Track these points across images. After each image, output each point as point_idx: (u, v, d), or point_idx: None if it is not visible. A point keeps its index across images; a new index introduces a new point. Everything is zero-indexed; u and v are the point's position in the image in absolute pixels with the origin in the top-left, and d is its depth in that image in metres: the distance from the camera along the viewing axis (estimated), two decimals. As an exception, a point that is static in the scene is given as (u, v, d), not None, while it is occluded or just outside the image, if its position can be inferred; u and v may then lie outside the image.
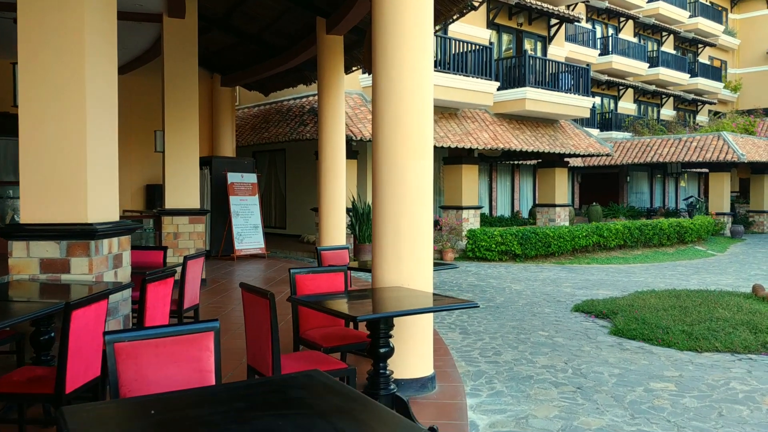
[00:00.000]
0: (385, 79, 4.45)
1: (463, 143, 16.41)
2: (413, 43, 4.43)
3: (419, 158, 4.44)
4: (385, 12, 4.46)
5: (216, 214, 14.13)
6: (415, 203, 4.46)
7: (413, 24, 4.43)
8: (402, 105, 4.40)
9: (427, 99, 4.50)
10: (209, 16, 12.47)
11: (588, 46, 26.91)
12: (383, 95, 4.46)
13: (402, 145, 4.37)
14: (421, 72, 4.49)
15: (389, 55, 4.42)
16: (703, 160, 23.21)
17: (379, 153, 4.47)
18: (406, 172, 4.40)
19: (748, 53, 38.79)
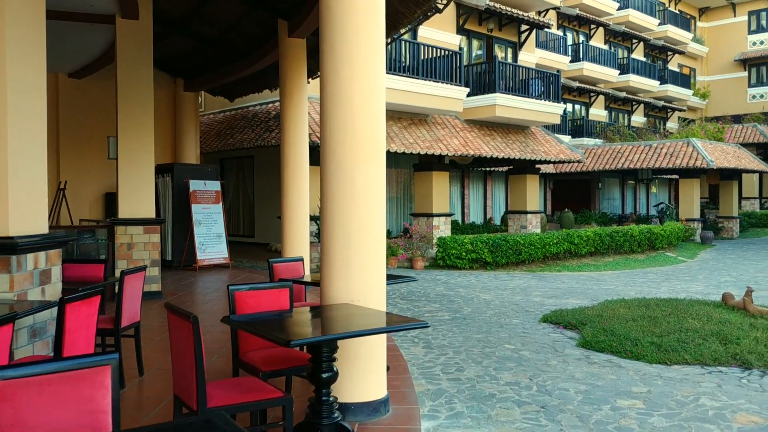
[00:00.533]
0: (334, 75, 4.15)
1: (433, 150, 16.18)
2: (363, 38, 4.14)
3: (371, 161, 4.14)
4: (332, 6, 4.17)
5: (178, 223, 13.70)
6: (367, 211, 4.15)
7: (364, 18, 4.14)
8: (352, 104, 4.11)
9: (379, 97, 4.21)
10: (168, 20, 12.08)
11: (559, 52, 26.93)
12: (332, 94, 4.16)
13: (352, 146, 4.08)
14: (373, 69, 4.21)
15: (337, 52, 4.12)
16: (673, 166, 23.31)
17: (327, 156, 4.17)
18: (356, 177, 4.10)
19: (717, 61, 39.30)
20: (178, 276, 12.28)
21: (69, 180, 13.48)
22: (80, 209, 13.91)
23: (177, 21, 12.07)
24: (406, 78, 15.56)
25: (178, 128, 15.22)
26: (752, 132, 32.80)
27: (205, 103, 19.51)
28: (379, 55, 4.26)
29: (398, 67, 15.58)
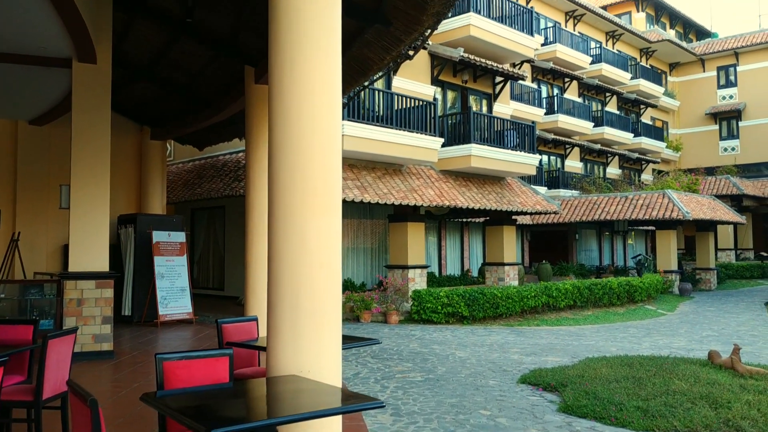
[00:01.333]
0: (284, 118, 3.72)
1: (407, 200, 15.81)
2: (318, 81, 3.74)
3: (324, 214, 3.68)
4: (281, 41, 3.78)
5: (140, 276, 13.06)
6: (320, 269, 3.67)
7: (316, 53, 3.75)
8: (304, 150, 3.67)
9: (334, 143, 3.78)
10: (134, 65, 11.73)
11: (534, 105, 27.08)
12: (281, 138, 3.72)
13: (303, 198, 3.62)
14: (328, 113, 3.79)
15: (286, 93, 3.71)
16: (649, 217, 23.23)
17: (275, 207, 3.71)
18: (307, 232, 3.63)
19: (688, 114, 39.98)
20: (136, 333, 11.58)
21: (25, 230, 12.84)
22: (37, 262, 13.21)
23: (142, 67, 11.71)
24: (380, 127, 15.30)
25: (143, 177, 14.70)
26: (725, 184, 33.10)
27: (174, 152, 19.07)
28: (335, 98, 3.85)
29: (372, 117, 15.34)
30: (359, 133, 14.80)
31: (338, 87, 3.91)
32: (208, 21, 9.24)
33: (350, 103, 14.59)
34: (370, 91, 15.49)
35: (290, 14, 3.83)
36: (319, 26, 3.87)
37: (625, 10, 39.10)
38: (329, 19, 3.93)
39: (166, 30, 9.89)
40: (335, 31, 3.98)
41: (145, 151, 14.67)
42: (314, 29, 3.85)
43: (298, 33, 3.76)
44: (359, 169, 15.97)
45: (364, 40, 7.88)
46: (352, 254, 17.67)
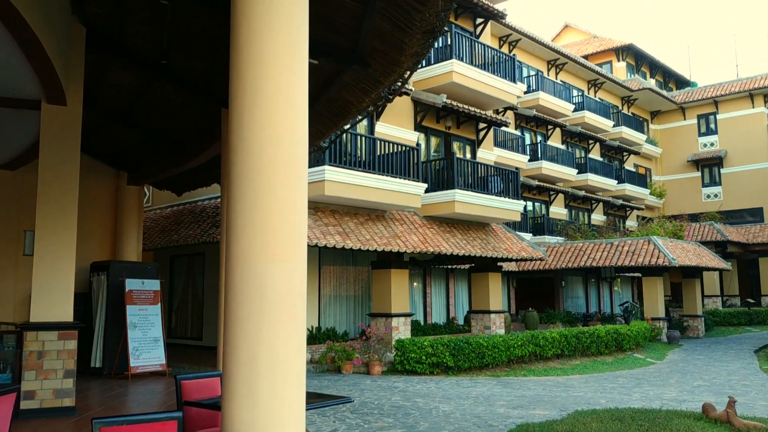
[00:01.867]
0: (242, 154, 3.43)
1: (391, 246, 15.51)
2: (280, 114, 3.47)
3: (287, 259, 3.36)
4: (241, 76, 3.52)
5: (111, 325, 12.53)
6: (280, 319, 3.33)
7: (279, 88, 3.49)
8: (264, 187, 3.37)
9: (298, 180, 3.49)
10: (110, 109, 11.49)
11: (517, 151, 27.13)
12: (240, 172, 3.42)
13: (263, 241, 3.30)
14: (292, 149, 3.51)
15: (246, 119, 3.43)
16: (635, 264, 23.05)
17: (231, 251, 3.38)
18: (266, 278, 3.30)
19: (670, 161, 40.36)
20: (104, 386, 11.01)
21: (-8, 279, 12.33)
22: (4, 312, 12.66)
23: (119, 110, 11.47)
24: (363, 173, 15.10)
25: (119, 223, 14.29)
26: (709, 230, 33.18)
27: (152, 197, 18.72)
28: (299, 135, 3.58)
29: (355, 162, 15.15)
30: (342, 179, 14.58)
31: (303, 124, 3.64)
32: (183, 63, 9.05)
33: (332, 148, 14.41)
34: (352, 136, 15.35)
35: (252, 51, 3.59)
36: (282, 65, 3.62)
37: (605, 60, 39.82)
38: (294, 58, 3.69)
39: (142, 72, 9.68)
40: (300, 69, 3.74)
41: (122, 197, 14.30)
42: (277, 67, 3.59)
43: (259, 69, 3.50)
44: (341, 215, 15.69)
45: (342, 82, 7.70)
46: (334, 302, 17.23)
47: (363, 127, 17.39)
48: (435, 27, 5.88)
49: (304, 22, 3.71)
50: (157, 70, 9.44)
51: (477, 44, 19.54)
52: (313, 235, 14.10)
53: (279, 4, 3.56)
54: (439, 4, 5.44)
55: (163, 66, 9.06)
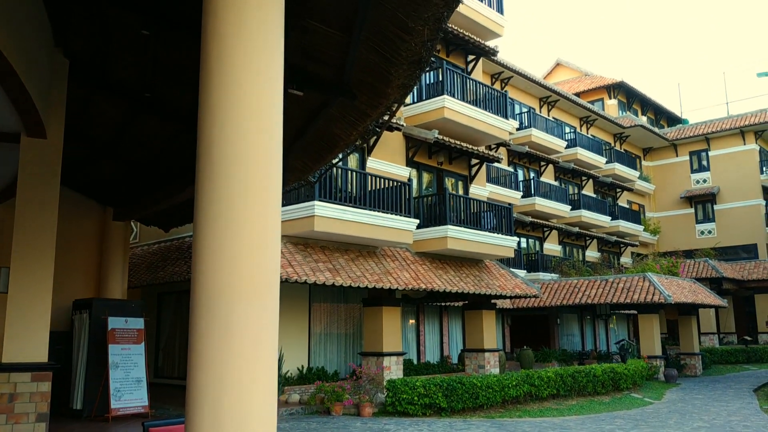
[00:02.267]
0: (210, 181, 3.20)
1: (382, 283, 15.22)
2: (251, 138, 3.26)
3: (256, 297, 3.11)
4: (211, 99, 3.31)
5: (93, 365, 12.14)
6: (247, 365, 3.06)
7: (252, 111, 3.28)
8: (231, 217, 3.13)
9: (269, 210, 3.26)
10: (95, 143, 11.30)
11: (510, 188, 27.05)
12: (206, 199, 3.19)
13: (229, 278, 3.05)
14: (265, 175, 3.29)
15: (215, 152, 3.21)
16: (631, 301, 22.77)
17: (196, 288, 3.13)
18: (232, 319, 3.04)
19: (664, 198, 40.39)
20: (83, 429, 10.58)
21: (-31, 317, 11.94)
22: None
23: (104, 144, 11.28)
24: (354, 208, 14.89)
25: (104, 260, 13.99)
26: (704, 267, 32.98)
27: (139, 234, 18.44)
28: (275, 158, 3.36)
29: (345, 197, 14.95)
30: (332, 214, 14.37)
31: (277, 155, 3.43)
32: (168, 95, 8.89)
33: (322, 183, 14.23)
34: (343, 171, 15.19)
35: (221, 75, 3.40)
36: (255, 91, 3.42)
37: (597, 97, 40.14)
38: (268, 85, 3.50)
39: (127, 105, 9.52)
40: (274, 96, 3.54)
41: (107, 233, 14.03)
42: (249, 94, 3.39)
43: (228, 96, 3.30)
44: (332, 251, 15.43)
45: (329, 115, 7.53)
46: (325, 341, 16.84)
47: (354, 162, 17.26)
48: (422, 57, 5.74)
49: (279, 46, 3.53)
50: (142, 102, 9.28)
51: (468, 80, 19.57)
52: (303, 272, 13.82)
53: (251, 24, 3.38)
54: (425, 34, 5.30)
55: (147, 98, 8.90)
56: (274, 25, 3.60)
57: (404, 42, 5.42)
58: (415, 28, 5.16)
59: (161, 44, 7.29)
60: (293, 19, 5.67)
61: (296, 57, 6.39)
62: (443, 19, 5.12)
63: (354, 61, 6.13)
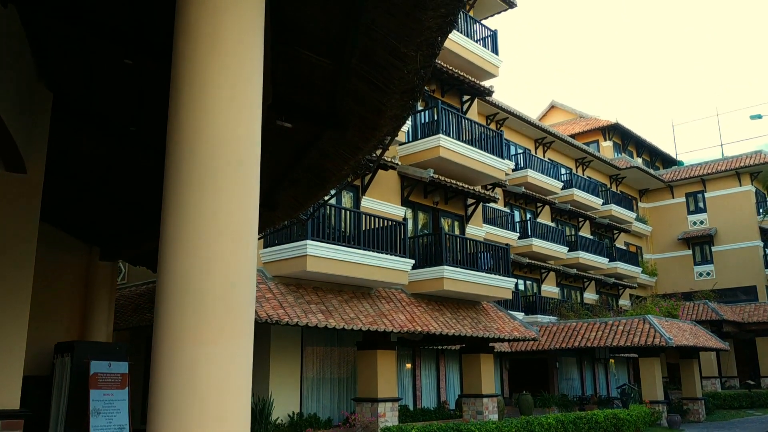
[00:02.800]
0: (177, 212, 2.88)
1: (377, 326, 14.77)
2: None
3: (225, 342, 2.75)
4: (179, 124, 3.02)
5: (73, 412, 11.57)
6: (214, 415, 2.68)
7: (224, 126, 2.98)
8: (201, 247, 2.80)
9: (243, 248, 2.92)
10: (81, 180, 11.00)
11: (507, 228, 26.77)
12: (172, 238, 2.86)
13: (194, 318, 2.70)
14: (239, 207, 2.97)
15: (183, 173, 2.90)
16: (631, 344, 22.30)
17: (159, 333, 2.77)
18: (198, 365, 2.68)
19: (661, 239, 40.14)
20: (58, 481, 10.00)
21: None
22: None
23: (90, 180, 10.98)
24: (347, 248, 14.55)
25: (89, 301, 13.52)
26: (704, 309, 32.52)
27: (128, 274, 18.02)
28: (250, 191, 3.05)
29: (339, 237, 14.61)
30: (325, 254, 14.01)
31: (253, 187, 3.11)
32: (155, 129, 8.62)
33: (315, 222, 13.92)
34: (336, 209, 14.91)
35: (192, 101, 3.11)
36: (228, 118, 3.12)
37: (592, 139, 40.23)
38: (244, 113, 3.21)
39: (113, 139, 9.26)
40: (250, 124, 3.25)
41: (93, 273, 13.58)
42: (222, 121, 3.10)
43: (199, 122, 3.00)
44: (324, 292, 15.02)
45: (319, 148, 7.26)
46: (318, 386, 16.28)
47: (349, 201, 17.00)
48: (415, 86, 5.49)
49: (257, 69, 3.23)
50: (128, 136, 9.02)
51: (464, 120, 19.47)
52: (294, 313, 13.40)
53: (226, 45, 3.09)
54: (418, 61, 5.05)
55: (133, 132, 8.64)
56: (252, 45, 3.32)
57: (396, 69, 5.17)
58: (408, 54, 4.92)
59: (146, 76, 7.06)
60: (281, 46, 5.46)
61: (285, 87, 6.15)
62: (437, 44, 4.89)
63: (344, 91, 5.89)
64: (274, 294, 13.73)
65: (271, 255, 14.35)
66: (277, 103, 6.44)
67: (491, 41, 21.62)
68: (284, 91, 6.23)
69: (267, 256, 14.42)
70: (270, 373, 14.74)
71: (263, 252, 14.51)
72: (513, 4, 22.84)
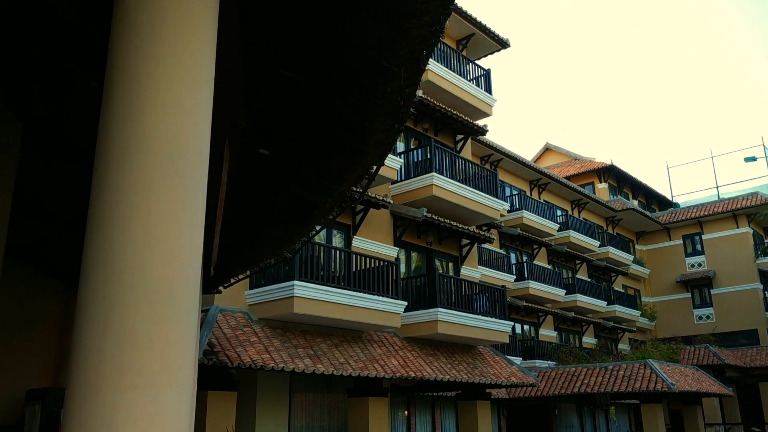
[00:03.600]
0: (100, 236, 2.41)
1: (368, 371, 14.11)
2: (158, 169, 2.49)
3: (155, 387, 2.24)
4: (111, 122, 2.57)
5: (42, 465, 10.85)
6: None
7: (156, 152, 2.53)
8: (127, 278, 2.31)
9: (184, 281, 2.44)
10: (57, 216, 10.52)
11: (503, 270, 26.24)
12: (89, 272, 2.38)
13: (112, 360, 2.20)
14: (179, 227, 2.49)
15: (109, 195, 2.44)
16: (632, 390, 21.57)
17: (72, 377, 2.26)
18: (117, 416, 2.16)
19: (659, 282, 39.58)
20: None
21: None
22: None
23: (66, 217, 10.50)
24: (337, 289, 13.99)
25: (66, 346, 12.90)
26: (705, 353, 31.78)
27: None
28: (193, 214, 2.58)
29: (328, 277, 14.07)
30: (313, 295, 13.45)
31: (194, 206, 2.64)
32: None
33: (303, 262, 13.39)
34: (326, 249, 14.41)
35: (124, 122, 2.66)
36: (175, 145, 2.67)
37: (588, 181, 40.00)
38: (192, 134, 2.77)
39: (89, 174, 8.82)
40: (198, 145, 2.80)
41: (70, 314, 13.00)
42: (162, 150, 2.65)
43: (129, 138, 2.55)
44: (313, 336, 14.40)
45: (300, 179, 6.83)
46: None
47: (339, 240, 16.52)
48: (399, 108, 5.08)
49: (206, 75, 2.78)
50: (103, 171, 8.58)
51: (457, 159, 19.15)
52: (281, 358, 12.76)
53: (166, 43, 2.65)
54: (402, 78, 4.66)
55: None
56: (201, 46, 2.87)
57: (379, 87, 4.77)
58: (390, 70, 4.53)
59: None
60: (255, 65, 5.07)
61: (261, 111, 5.75)
62: (421, 59, 4.50)
63: (324, 114, 5.48)
64: (260, 338, 13.11)
65: (256, 296, 13.78)
66: (254, 129, 6.04)
67: (484, 80, 21.48)
68: (260, 115, 5.83)
69: (252, 297, 13.85)
70: (256, 422, 14.00)
71: (248, 293, 13.95)
72: (506, 44, 22.81)
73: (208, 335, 12.01)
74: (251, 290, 13.88)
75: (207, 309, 13.08)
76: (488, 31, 22.20)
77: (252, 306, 13.86)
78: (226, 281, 11.05)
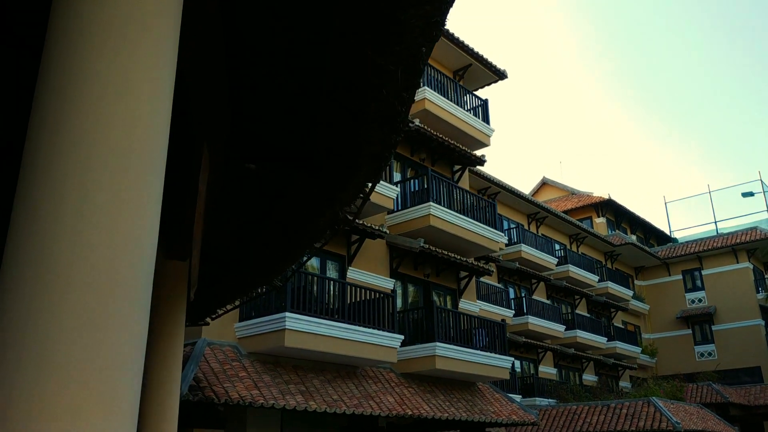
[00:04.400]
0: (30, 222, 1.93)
1: (362, 409, 13.46)
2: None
3: (81, 418, 1.74)
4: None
5: None
6: None
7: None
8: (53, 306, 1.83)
9: (134, 290, 1.95)
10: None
11: (502, 305, 25.69)
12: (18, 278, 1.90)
13: (36, 390, 1.71)
14: (127, 246, 2.02)
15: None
16: (636, 428, 20.83)
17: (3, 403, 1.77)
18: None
19: (659, 318, 38.97)
20: None
21: None
22: None
23: None
24: (331, 322, 13.43)
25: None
26: (708, 391, 31.01)
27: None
28: (143, 222, 2.09)
29: (321, 310, 13.52)
30: (306, 328, 12.88)
31: (144, 216, 2.14)
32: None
33: (295, 293, 12.86)
34: (319, 280, 13.89)
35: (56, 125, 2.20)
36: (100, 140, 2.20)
37: (586, 215, 39.70)
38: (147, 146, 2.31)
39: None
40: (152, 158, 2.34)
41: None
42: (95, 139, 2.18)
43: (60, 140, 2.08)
44: (305, 371, 13.77)
45: (290, 198, 6.37)
46: (297, 476, 14.73)
47: (334, 272, 16.00)
48: (396, 114, 4.66)
49: (166, 97, 2.31)
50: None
51: (455, 189, 18.77)
52: (271, 394, 12.14)
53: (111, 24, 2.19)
54: (399, 79, 4.24)
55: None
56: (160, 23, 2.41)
57: (373, 89, 4.34)
58: (386, 68, 4.11)
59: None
60: (238, 69, 4.66)
61: (246, 121, 5.33)
62: (420, 56, 4.09)
63: (315, 122, 5.05)
64: (249, 373, 12.50)
65: (245, 329, 13.20)
66: (240, 142, 5.61)
67: (482, 110, 21.25)
68: (247, 126, 5.41)
69: (242, 330, 13.27)
70: (244, 463, 13.28)
71: (237, 326, 13.36)
72: (503, 75, 22.67)
73: (195, 369, 11.41)
74: (241, 322, 13.31)
75: (194, 342, 12.50)
76: (485, 62, 22.07)
77: (241, 339, 13.27)
78: (213, 312, 10.50)
